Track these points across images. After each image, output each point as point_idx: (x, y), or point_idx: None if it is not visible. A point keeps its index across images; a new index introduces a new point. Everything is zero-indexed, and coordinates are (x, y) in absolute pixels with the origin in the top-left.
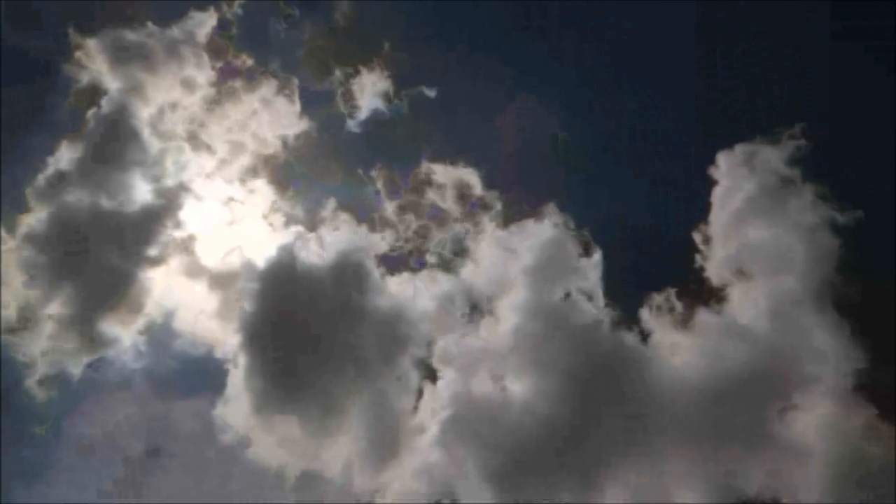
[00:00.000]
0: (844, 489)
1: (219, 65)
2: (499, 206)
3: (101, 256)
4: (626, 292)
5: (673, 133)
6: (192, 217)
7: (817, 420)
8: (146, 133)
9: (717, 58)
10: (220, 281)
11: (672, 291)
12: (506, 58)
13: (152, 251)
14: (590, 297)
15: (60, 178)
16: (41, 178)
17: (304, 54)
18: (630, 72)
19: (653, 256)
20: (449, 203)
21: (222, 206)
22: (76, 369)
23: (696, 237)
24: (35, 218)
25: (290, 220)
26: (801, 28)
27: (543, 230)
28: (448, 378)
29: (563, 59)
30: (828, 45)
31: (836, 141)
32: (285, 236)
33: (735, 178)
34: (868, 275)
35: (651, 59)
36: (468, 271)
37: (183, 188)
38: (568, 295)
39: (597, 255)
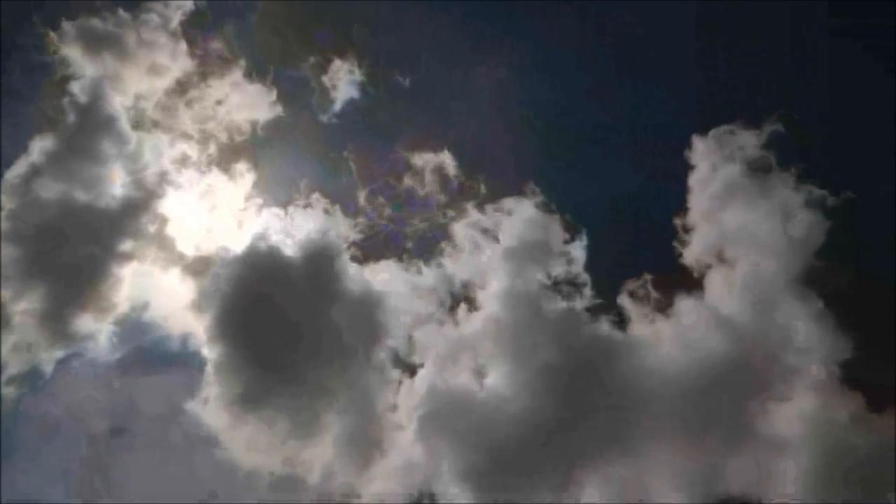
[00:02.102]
0: (831, 483)
1: (194, 50)
2: (478, 191)
3: (74, 250)
4: (606, 279)
5: (651, 117)
6: (168, 206)
7: (802, 412)
8: (121, 122)
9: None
10: (195, 271)
11: (653, 279)
12: (482, 39)
13: (126, 242)
14: (571, 285)
15: (34, 172)
16: (13, 173)
17: (256, 18)
18: (612, 56)
19: (633, 242)
20: (427, 188)
21: (198, 195)
22: (48, 366)
23: (677, 223)
24: (6, 213)
25: (265, 208)
26: (784, 13)
27: (522, 216)
28: (426, 372)
29: (543, 40)
30: (810, 28)
31: (815, 125)
32: (261, 225)
33: (715, 163)
34: (852, 262)
35: (633, 44)
36: (447, 258)
37: (158, 177)
38: (548, 282)
39: (577, 241)
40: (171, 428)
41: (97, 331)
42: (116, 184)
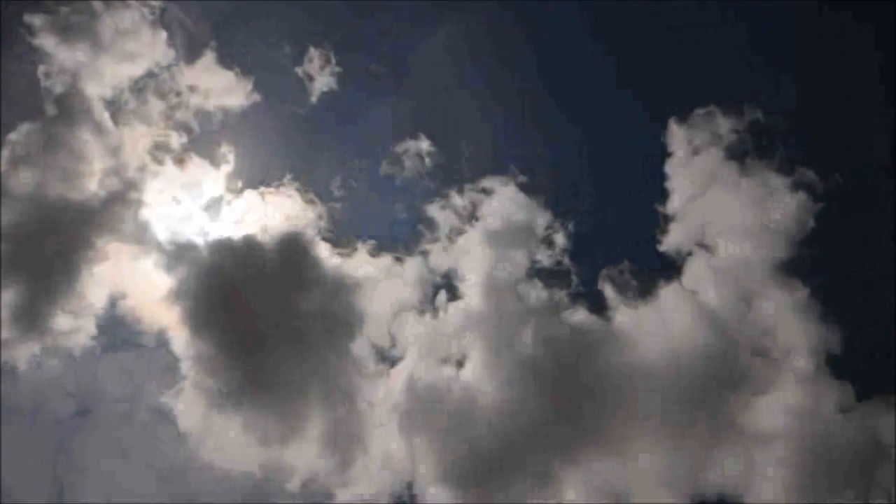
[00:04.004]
0: (817, 478)
1: (171, 39)
2: (458, 177)
3: (49, 243)
4: (586, 266)
5: (632, 99)
6: (144, 196)
7: (788, 405)
8: (97, 113)
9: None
10: (171, 262)
11: (632, 267)
12: (462, 26)
13: (102, 234)
14: (553, 273)
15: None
16: None
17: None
18: (589, 38)
19: (613, 230)
20: (406, 174)
21: (174, 184)
22: (22, 364)
23: (660, 209)
24: None
25: (242, 197)
26: None
27: (503, 201)
28: (406, 364)
29: (522, 27)
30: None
31: (800, 107)
32: (237, 214)
33: (699, 147)
34: (839, 249)
35: (611, 26)
36: (427, 245)
37: (135, 167)
38: (529, 271)
39: (559, 227)
40: (149, 423)
41: (73, 324)
42: (93, 175)
